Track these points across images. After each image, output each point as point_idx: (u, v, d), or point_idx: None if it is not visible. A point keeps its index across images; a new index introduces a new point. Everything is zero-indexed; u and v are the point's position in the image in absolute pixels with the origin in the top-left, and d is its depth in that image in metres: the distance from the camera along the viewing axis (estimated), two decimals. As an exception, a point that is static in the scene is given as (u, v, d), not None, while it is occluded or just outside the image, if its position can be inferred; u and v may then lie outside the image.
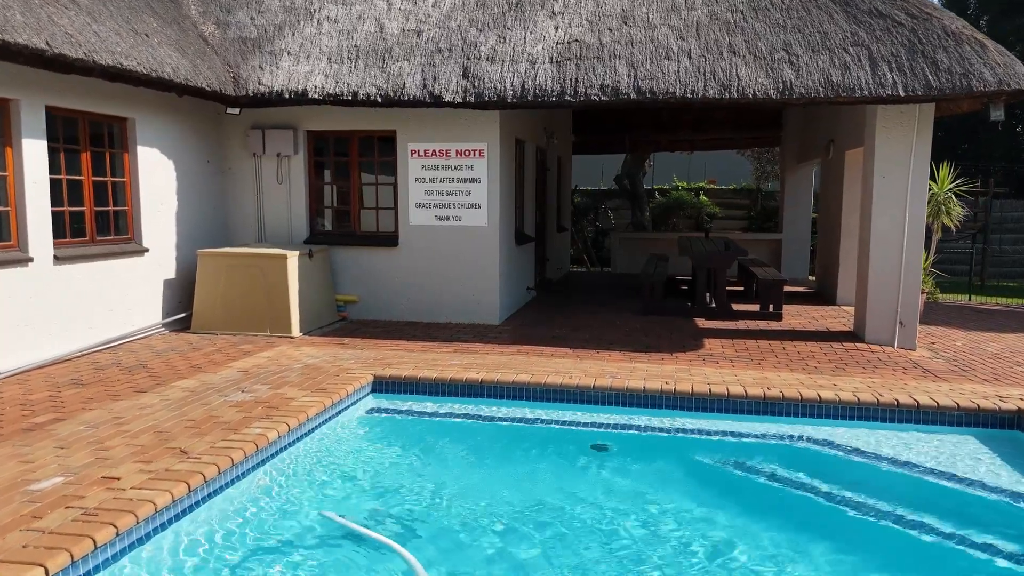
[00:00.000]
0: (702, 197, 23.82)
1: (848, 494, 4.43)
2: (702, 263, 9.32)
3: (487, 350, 7.44)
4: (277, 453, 4.63)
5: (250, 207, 9.29)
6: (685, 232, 21.60)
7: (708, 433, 5.35)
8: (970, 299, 13.92)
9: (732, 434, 5.33)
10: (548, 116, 12.15)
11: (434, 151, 8.81)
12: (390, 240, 9.05)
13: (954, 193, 10.86)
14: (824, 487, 4.54)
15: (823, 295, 11.40)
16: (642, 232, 16.77)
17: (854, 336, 8.33)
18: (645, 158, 18.38)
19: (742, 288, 11.52)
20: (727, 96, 7.46)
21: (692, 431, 5.40)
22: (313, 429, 5.10)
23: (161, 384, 5.89)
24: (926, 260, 13.13)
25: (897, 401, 5.39)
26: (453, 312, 8.97)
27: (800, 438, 5.23)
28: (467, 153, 8.74)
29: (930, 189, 9.88)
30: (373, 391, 6.10)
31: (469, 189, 8.78)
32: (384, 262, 9.06)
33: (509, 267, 9.42)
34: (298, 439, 4.90)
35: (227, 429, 4.64)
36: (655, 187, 23.14)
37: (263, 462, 4.46)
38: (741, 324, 9.00)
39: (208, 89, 7.88)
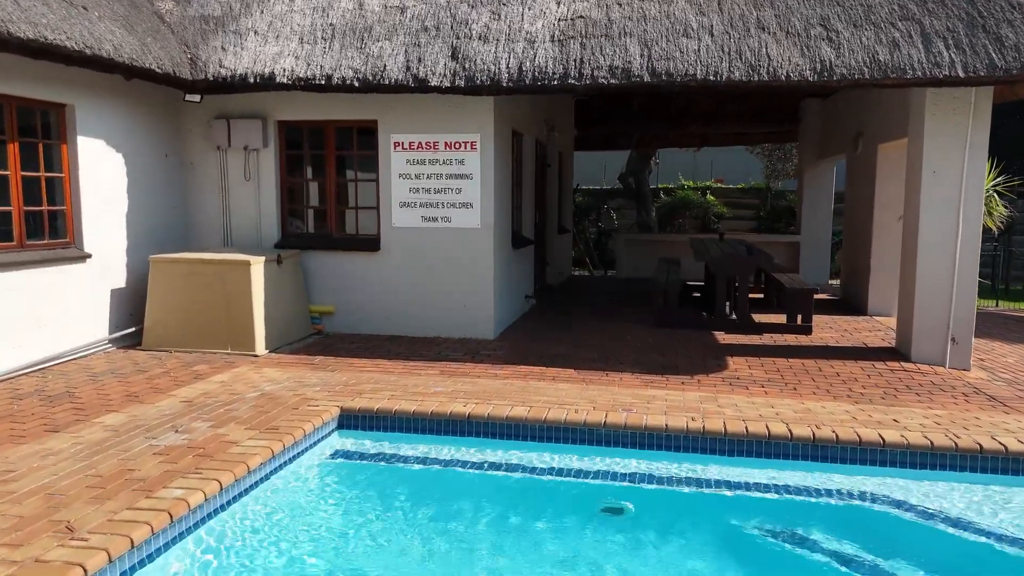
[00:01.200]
0: (709, 196, 22.84)
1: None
2: (722, 270, 8.31)
3: (479, 372, 6.43)
4: (203, 521, 3.62)
5: (214, 207, 8.28)
6: (692, 233, 20.60)
7: (747, 487, 4.34)
8: (996, 305, 12.91)
9: (777, 488, 4.32)
10: (548, 107, 11.14)
11: (420, 143, 7.80)
12: (371, 244, 8.04)
13: (996, 191, 9.88)
14: (905, 570, 3.53)
15: (850, 304, 10.39)
16: (648, 233, 15.76)
17: (897, 354, 7.32)
18: (651, 155, 17.39)
19: (762, 295, 10.51)
20: (756, 78, 6.45)
21: (726, 483, 4.39)
22: (257, 483, 4.10)
23: (82, 420, 4.87)
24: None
25: (980, 445, 4.38)
26: (442, 325, 7.96)
27: (864, 496, 4.22)
28: (457, 145, 7.73)
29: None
30: (340, 427, 5.09)
31: (460, 186, 7.77)
32: (364, 269, 8.05)
33: (505, 274, 8.41)
34: (235, 499, 3.89)
35: (139, 490, 3.63)
36: (660, 186, 22.16)
37: (180, 537, 3.45)
38: (767, 338, 7.99)
39: (159, 71, 6.87)
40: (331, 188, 8.20)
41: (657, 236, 14.35)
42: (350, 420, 5.09)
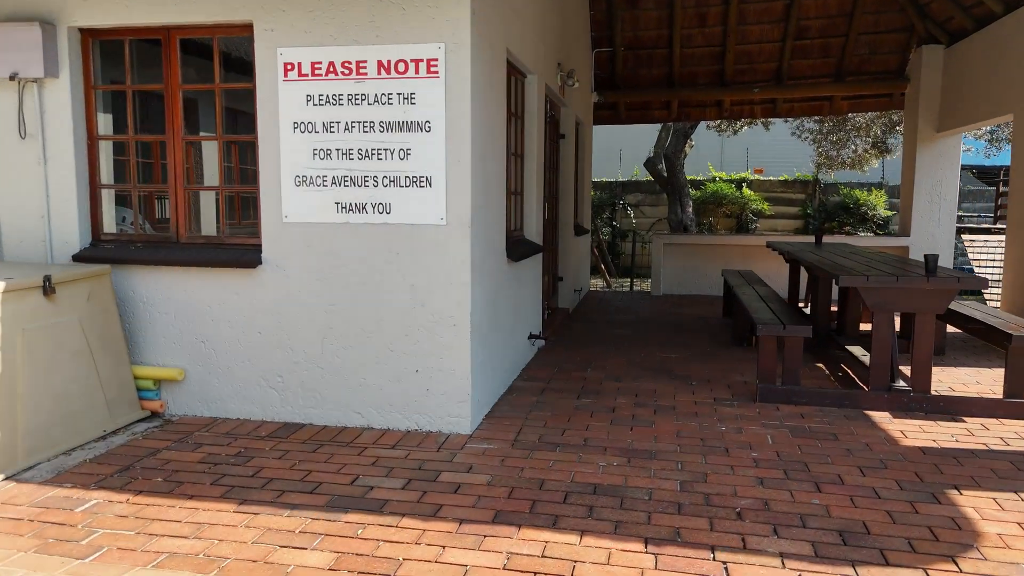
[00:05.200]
0: (745, 190, 19.27)
1: None
2: (888, 304, 4.60)
3: (422, 557, 2.76)
4: None
5: (-30, 187, 4.61)
6: (728, 234, 16.93)
7: None
8: None
9: None
10: (564, 35, 7.49)
11: (332, 65, 4.13)
12: (245, 255, 4.36)
13: None
14: None
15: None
16: (692, 235, 12.08)
17: None
18: (690, 133, 13.72)
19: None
20: None
21: None
22: None
23: None
24: None
25: None
26: (375, 405, 4.29)
27: None
28: (401, 68, 4.06)
29: None
30: None
31: (407, 144, 4.10)
32: (235, 300, 4.39)
33: (494, 305, 4.74)
34: None
35: None
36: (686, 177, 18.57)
37: None
38: (978, 429, 4.31)
39: None
40: (176, 153, 4.51)
41: (706, 239, 10.67)
42: None
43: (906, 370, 5.19)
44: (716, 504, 3.27)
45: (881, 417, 4.54)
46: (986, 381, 5.41)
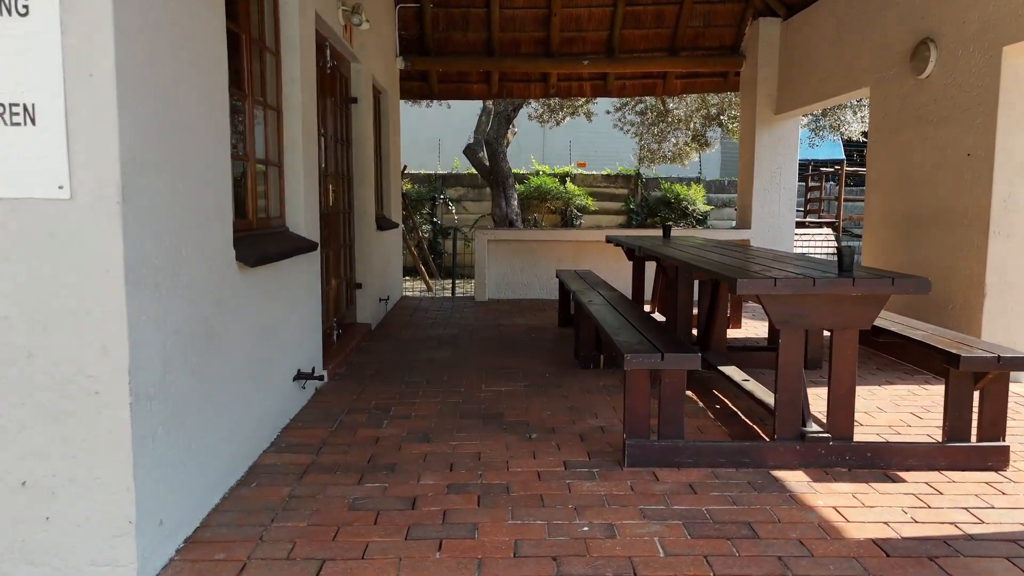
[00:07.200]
0: (569, 184, 18.44)
1: None
2: (801, 317, 3.24)
3: None
4: None
5: None
6: (552, 228, 15.90)
7: None
8: None
9: None
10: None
11: None
12: None
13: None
14: None
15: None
16: (519, 230, 10.65)
17: None
18: (512, 118, 12.32)
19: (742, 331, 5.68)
20: None
21: None
22: None
23: None
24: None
25: None
26: (-57, 555, 2.20)
27: None
28: None
29: None
30: None
31: (-22, 42, 2.06)
32: None
33: (204, 344, 2.79)
34: None
35: None
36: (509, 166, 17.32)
37: None
38: (928, 496, 3.07)
39: None
40: None
41: (535, 233, 9.24)
42: None
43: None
44: None
45: (797, 482, 3.18)
46: (889, 407, 4.32)
